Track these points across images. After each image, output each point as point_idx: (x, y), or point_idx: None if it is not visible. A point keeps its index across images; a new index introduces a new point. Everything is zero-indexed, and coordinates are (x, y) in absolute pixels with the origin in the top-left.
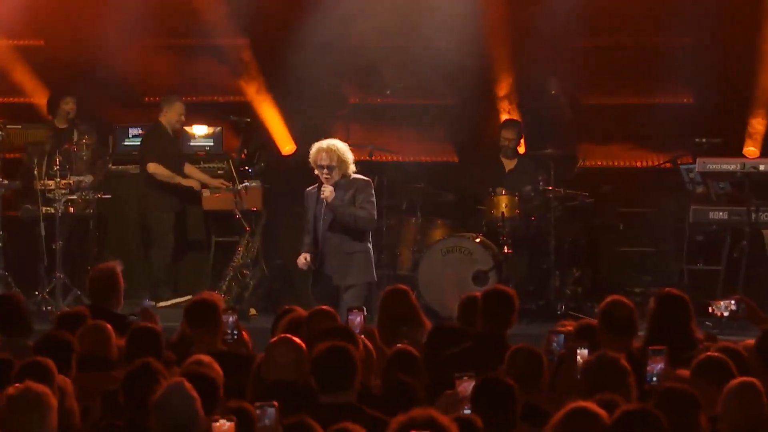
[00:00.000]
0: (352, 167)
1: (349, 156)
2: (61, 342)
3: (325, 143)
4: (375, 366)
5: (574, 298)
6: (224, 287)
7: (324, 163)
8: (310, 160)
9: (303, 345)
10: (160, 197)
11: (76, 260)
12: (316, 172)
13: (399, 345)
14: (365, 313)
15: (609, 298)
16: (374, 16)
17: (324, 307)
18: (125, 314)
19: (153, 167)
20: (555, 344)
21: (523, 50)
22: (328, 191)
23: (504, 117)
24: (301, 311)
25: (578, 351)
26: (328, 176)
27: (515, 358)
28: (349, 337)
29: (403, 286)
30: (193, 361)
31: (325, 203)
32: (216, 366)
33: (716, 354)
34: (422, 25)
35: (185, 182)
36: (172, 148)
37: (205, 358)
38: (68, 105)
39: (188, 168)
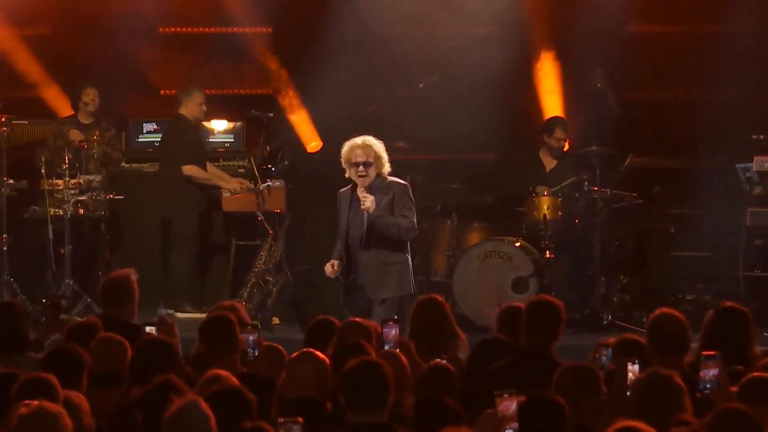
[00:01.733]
0: (388, 166)
1: (385, 154)
2: (72, 356)
3: (359, 139)
4: (410, 382)
5: (621, 307)
6: (245, 294)
7: (360, 159)
8: (343, 158)
9: (326, 360)
10: (185, 198)
11: (86, 266)
12: (348, 172)
13: (435, 360)
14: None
15: (658, 312)
16: (405, 3)
17: (357, 319)
18: (140, 324)
19: (189, 169)
20: (603, 358)
21: (565, 39)
22: (369, 202)
23: (547, 112)
24: (336, 322)
25: (629, 367)
26: (364, 174)
27: (566, 376)
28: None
29: (437, 297)
30: (209, 379)
31: (365, 213)
32: (234, 383)
33: (764, 374)
34: (457, 11)
35: (225, 184)
36: (202, 145)
37: (223, 373)
38: (88, 96)
39: (207, 166)
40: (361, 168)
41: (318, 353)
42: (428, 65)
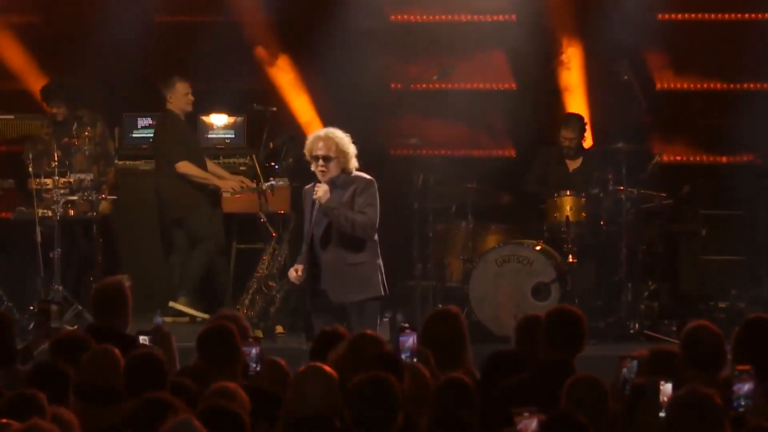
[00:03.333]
0: (354, 162)
1: (351, 148)
2: (56, 371)
3: (322, 131)
4: (431, 396)
5: (650, 315)
6: (247, 301)
7: (320, 152)
8: (305, 150)
9: (335, 375)
10: (190, 193)
11: (76, 271)
12: (312, 166)
13: (451, 374)
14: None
15: (693, 324)
16: None
17: (368, 331)
18: (133, 335)
19: (183, 166)
20: (626, 371)
21: (590, 28)
22: (322, 191)
23: (569, 106)
24: (344, 333)
25: (661, 385)
26: (324, 169)
27: (575, 389)
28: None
29: (453, 309)
30: (216, 391)
31: (318, 205)
32: (242, 395)
33: None
34: None
35: (225, 183)
36: (195, 140)
37: (231, 385)
38: (53, 109)
39: (207, 164)
40: (320, 162)
41: (326, 368)
42: (444, 55)
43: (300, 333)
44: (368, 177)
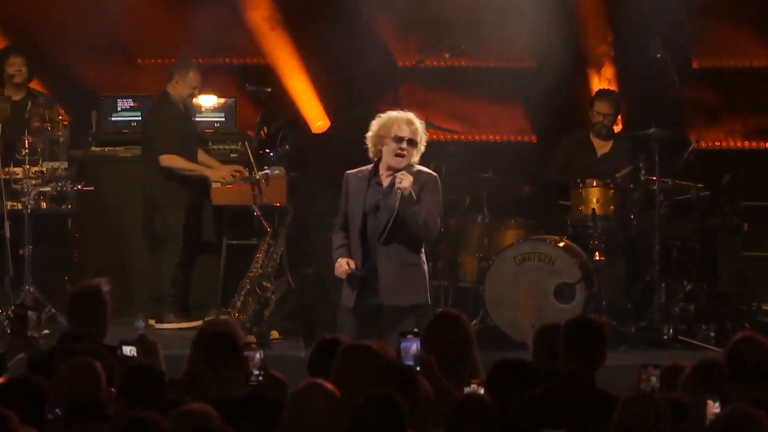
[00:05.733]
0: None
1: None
2: (30, 388)
3: (402, 113)
4: (435, 408)
5: (685, 319)
6: (239, 304)
7: (406, 135)
8: (378, 130)
9: (337, 392)
10: (167, 189)
11: (50, 269)
12: (375, 149)
13: (467, 390)
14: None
15: (738, 336)
16: None
17: (371, 343)
18: (116, 345)
19: (168, 159)
20: (649, 382)
21: (619, 2)
22: (408, 181)
23: (597, 86)
24: (347, 342)
25: (708, 403)
26: (404, 153)
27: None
28: (404, 380)
29: (456, 312)
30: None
31: (397, 195)
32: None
33: None
34: None
35: (214, 173)
36: (191, 130)
37: (198, 407)
38: (13, 66)
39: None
40: (404, 144)
41: (327, 385)
42: (459, 32)
43: (298, 338)
44: (434, 173)
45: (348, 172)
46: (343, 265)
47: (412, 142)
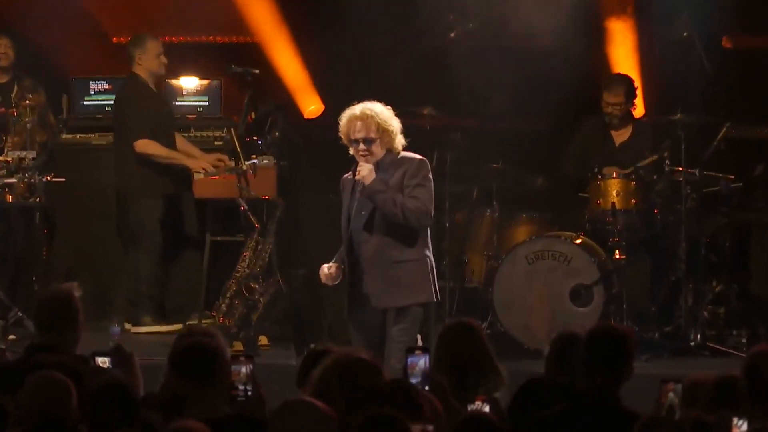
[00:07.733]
0: (400, 139)
1: (395, 123)
2: None
3: (357, 108)
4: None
5: (714, 324)
6: (224, 307)
7: (359, 135)
8: (341, 133)
9: (330, 412)
10: (146, 178)
11: (16, 268)
12: (351, 150)
13: (470, 408)
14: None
15: (756, 350)
16: None
17: (363, 356)
18: (88, 355)
19: (143, 145)
20: (671, 397)
21: None
22: (366, 170)
23: (615, 69)
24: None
25: (734, 424)
26: (367, 153)
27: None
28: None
29: (471, 321)
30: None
31: (361, 188)
32: None
33: None
34: None
35: (196, 163)
36: (166, 111)
37: (196, 425)
38: None
39: (177, 139)
40: (362, 146)
41: (317, 403)
42: (464, 9)
43: (288, 345)
44: (419, 157)
45: (343, 177)
46: (323, 270)
47: (369, 141)
